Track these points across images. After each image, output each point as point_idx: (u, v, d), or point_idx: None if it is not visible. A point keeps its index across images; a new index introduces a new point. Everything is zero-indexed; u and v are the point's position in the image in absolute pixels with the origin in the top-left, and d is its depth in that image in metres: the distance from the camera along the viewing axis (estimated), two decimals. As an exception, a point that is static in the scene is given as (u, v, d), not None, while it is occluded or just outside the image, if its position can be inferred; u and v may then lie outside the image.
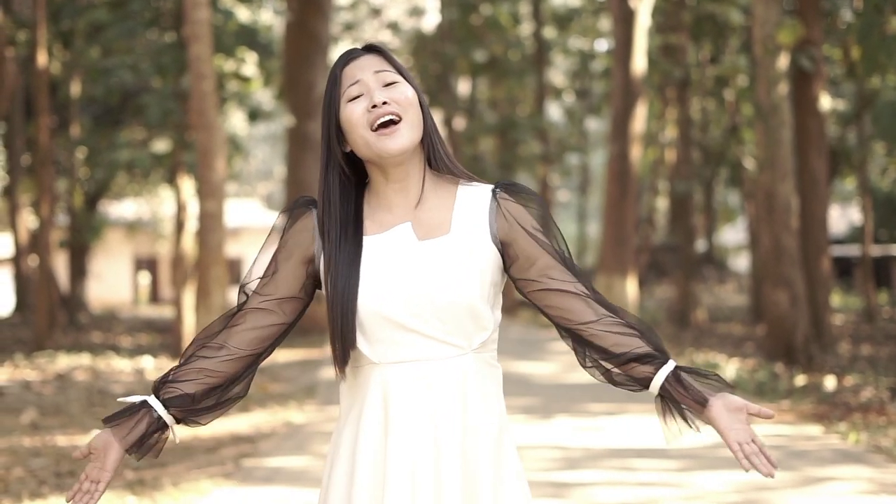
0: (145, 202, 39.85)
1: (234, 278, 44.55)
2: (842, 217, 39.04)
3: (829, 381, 13.12)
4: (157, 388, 2.92)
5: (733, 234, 44.52)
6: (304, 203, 2.94)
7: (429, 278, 2.77)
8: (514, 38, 32.74)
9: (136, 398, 2.91)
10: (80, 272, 29.77)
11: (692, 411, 2.81)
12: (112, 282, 45.93)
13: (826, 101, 17.18)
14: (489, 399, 2.85)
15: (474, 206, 2.86)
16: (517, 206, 2.88)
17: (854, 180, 29.24)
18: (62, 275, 32.14)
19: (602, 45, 35.95)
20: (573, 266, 2.89)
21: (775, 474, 2.73)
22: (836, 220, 37.26)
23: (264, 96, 36.92)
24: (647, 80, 23.43)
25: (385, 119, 2.79)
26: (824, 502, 7.28)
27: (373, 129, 2.79)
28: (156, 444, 2.91)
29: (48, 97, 20.91)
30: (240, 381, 2.95)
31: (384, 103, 2.79)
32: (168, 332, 23.75)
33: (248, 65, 22.40)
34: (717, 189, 34.87)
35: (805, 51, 16.06)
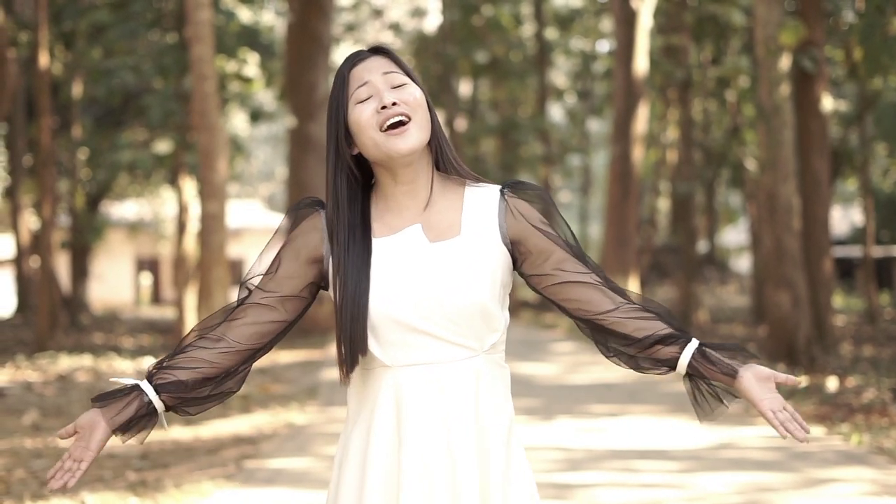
0: (147, 203, 39.87)
1: (236, 279, 44.53)
2: (844, 218, 39.00)
3: (832, 383, 13.11)
4: (151, 373, 2.91)
5: (735, 235, 44.50)
6: (312, 203, 2.93)
7: (441, 280, 2.77)
8: (515, 39, 32.74)
9: (128, 381, 2.89)
10: (81, 273, 29.78)
11: (722, 385, 2.83)
12: (114, 283, 45.94)
13: (828, 102, 17.16)
14: (499, 400, 2.86)
15: (483, 208, 2.87)
16: (526, 204, 2.89)
17: (856, 181, 29.21)
18: (64, 276, 32.14)
19: (604, 46, 35.96)
20: (585, 257, 2.90)
21: (808, 439, 2.78)
22: (838, 221, 37.23)
23: (266, 97, 36.93)
24: (649, 81, 23.45)
25: (395, 120, 2.79)
26: (827, 504, 7.28)
27: (382, 130, 2.79)
28: (143, 429, 2.88)
29: (50, 98, 20.91)
30: (234, 375, 2.94)
31: (394, 104, 2.79)
32: (170, 333, 23.76)
33: (250, 66, 22.42)
34: (719, 190, 34.85)
35: (807, 52, 16.05)
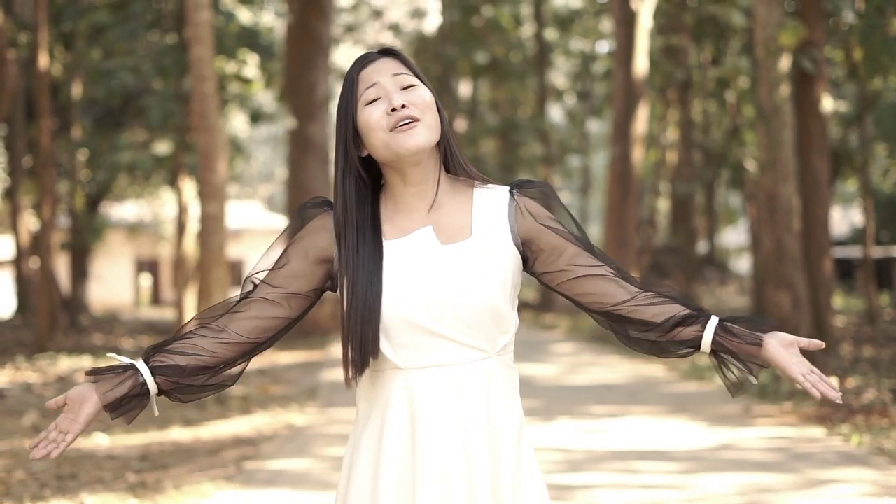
0: (146, 204, 39.85)
1: (236, 280, 44.52)
2: (843, 219, 39.00)
3: (832, 383, 13.10)
4: (149, 354, 2.89)
5: (735, 236, 44.51)
6: (321, 203, 2.93)
7: (454, 282, 2.78)
8: (515, 40, 32.74)
9: (125, 360, 2.88)
10: (81, 274, 29.77)
11: (748, 357, 2.84)
12: (113, 284, 45.93)
13: (828, 103, 17.16)
14: (509, 402, 2.87)
15: (493, 209, 2.87)
16: (534, 202, 2.91)
17: (856, 182, 29.21)
18: (63, 277, 32.14)
19: (603, 46, 35.96)
20: (596, 250, 2.92)
21: (840, 398, 2.81)
22: (838, 221, 37.23)
23: (265, 98, 36.93)
24: (649, 81, 23.43)
25: (404, 122, 2.79)
26: (827, 505, 7.28)
27: (391, 131, 2.79)
28: (133, 409, 2.86)
29: (49, 99, 20.90)
30: (232, 368, 2.93)
31: (403, 106, 2.79)
32: (169, 334, 23.73)
33: (250, 66, 22.43)
34: (719, 191, 34.87)
35: (807, 52, 16.04)
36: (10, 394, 14.35)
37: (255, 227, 47.70)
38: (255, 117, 23.93)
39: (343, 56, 42.06)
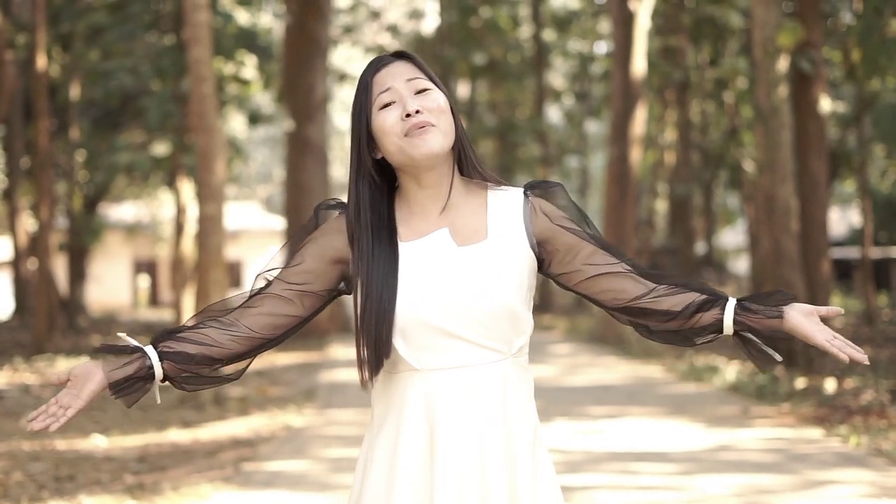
0: (145, 205, 39.87)
1: (234, 281, 44.54)
2: (842, 219, 39.02)
3: (830, 384, 13.10)
4: (158, 340, 2.89)
5: (733, 237, 44.49)
6: (338, 205, 2.94)
7: (471, 284, 2.78)
8: (513, 41, 32.73)
9: (133, 342, 2.87)
10: (79, 275, 29.75)
11: (771, 331, 2.85)
12: (111, 285, 45.92)
13: (826, 104, 17.16)
14: (525, 403, 2.89)
15: (508, 211, 2.89)
16: (549, 203, 2.92)
17: (854, 183, 29.24)
18: (61, 278, 32.12)
19: (601, 47, 35.94)
20: (611, 247, 2.93)
21: (866, 360, 2.80)
22: (836, 222, 37.24)
23: (264, 99, 36.91)
24: (647, 82, 23.42)
25: (419, 128, 2.79)
26: (825, 506, 7.28)
27: (405, 136, 2.80)
28: (136, 392, 2.84)
29: (47, 100, 20.89)
30: (239, 362, 2.93)
31: (417, 112, 2.80)
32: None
33: (248, 68, 22.41)
34: (717, 191, 34.88)
35: (805, 53, 16.05)
36: (7, 395, 14.35)
37: (254, 228, 47.69)
38: (254, 118, 23.90)
39: (341, 57, 42.04)
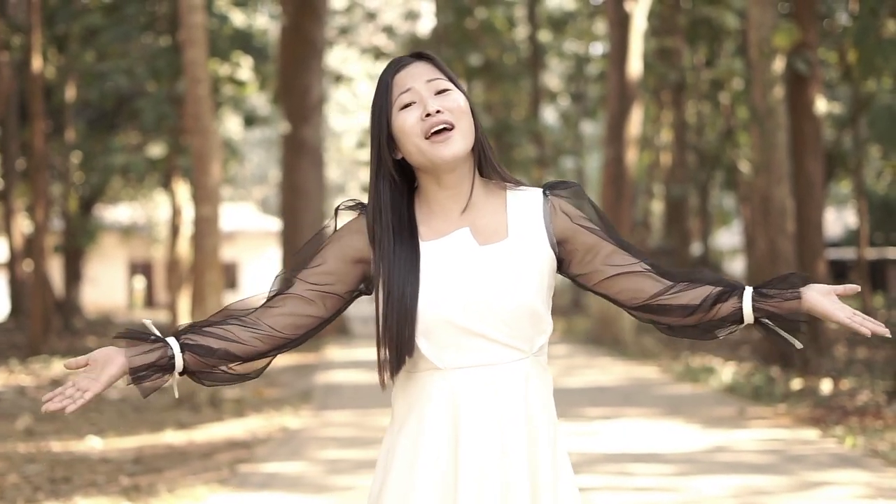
0: (140, 206, 39.82)
1: (230, 283, 44.52)
2: (837, 220, 39.02)
3: (826, 385, 13.11)
4: (180, 332, 2.89)
5: (728, 238, 44.50)
6: (358, 205, 2.95)
7: (493, 283, 2.80)
8: (509, 42, 32.71)
9: (156, 331, 2.87)
10: (74, 277, 29.73)
11: (790, 313, 2.87)
12: (107, 286, 45.87)
13: (822, 105, 17.17)
14: (545, 402, 2.91)
15: (527, 210, 2.90)
16: (568, 203, 2.94)
17: (849, 183, 29.25)
18: (57, 279, 32.09)
19: (597, 48, 35.92)
20: (630, 247, 2.94)
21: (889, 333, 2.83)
22: (832, 223, 37.23)
23: (259, 101, 36.88)
24: (643, 83, 23.43)
25: (439, 128, 2.81)
26: (821, 507, 7.28)
27: (426, 137, 2.81)
28: (155, 381, 2.84)
29: (43, 101, 20.88)
30: (259, 360, 2.93)
31: (438, 112, 2.81)
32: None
33: (243, 69, 22.38)
34: (713, 192, 34.84)
35: (801, 54, 16.05)
36: (3, 397, 14.34)
37: (249, 230, 47.65)
38: (249, 120, 23.87)
39: (336, 58, 42.04)
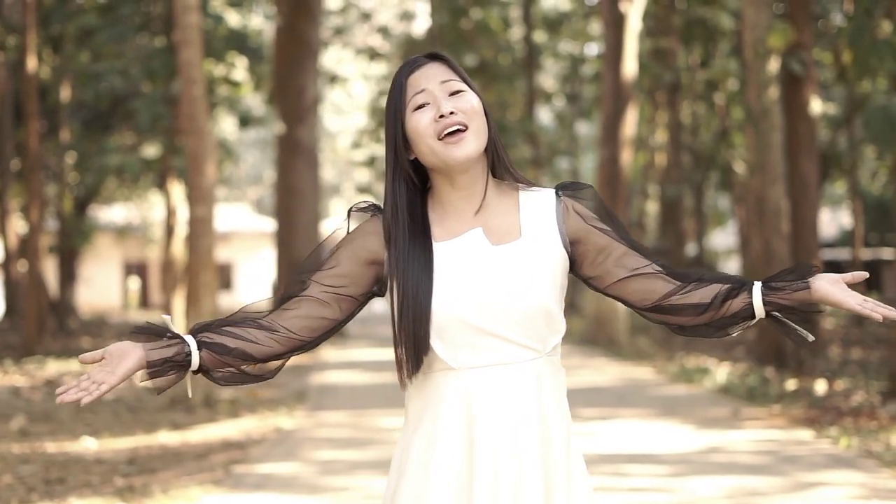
0: (135, 207, 39.77)
1: (224, 283, 44.48)
2: (832, 221, 39.05)
3: (820, 386, 13.12)
4: (196, 330, 2.88)
5: (723, 238, 44.51)
6: (370, 207, 2.96)
7: (506, 282, 2.80)
8: (504, 43, 32.70)
9: (173, 328, 2.86)
10: (69, 277, 29.71)
11: (801, 304, 2.86)
12: (101, 287, 45.84)
13: (816, 105, 17.18)
14: (559, 402, 2.90)
15: (540, 210, 2.91)
16: (582, 204, 2.94)
17: (844, 184, 29.27)
18: (51, 280, 32.06)
19: (592, 49, 35.92)
20: (642, 248, 2.95)
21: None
22: (827, 223, 37.26)
23: (254, 101, 36.87)
24: (638, 83, 23.43)
25: (452, 129, 2.81)
26: (816, 507, 7.28)
27: (439, 138, 2.82)
28: (170, 376, 2.82)
29: (38, 102, 20.86)
30: (275, 362, 2.92)
31: (451, 113, 2.82)
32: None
33: (238, 69, 22.40)
34: (708, 193, 34.85)
35: (795, 54, 16.06)
36: (-3, 397, 14.31)
37: (244, 230, 47.65)
38: (244, 120, 23.89)
39: (331, 58, 42.02)
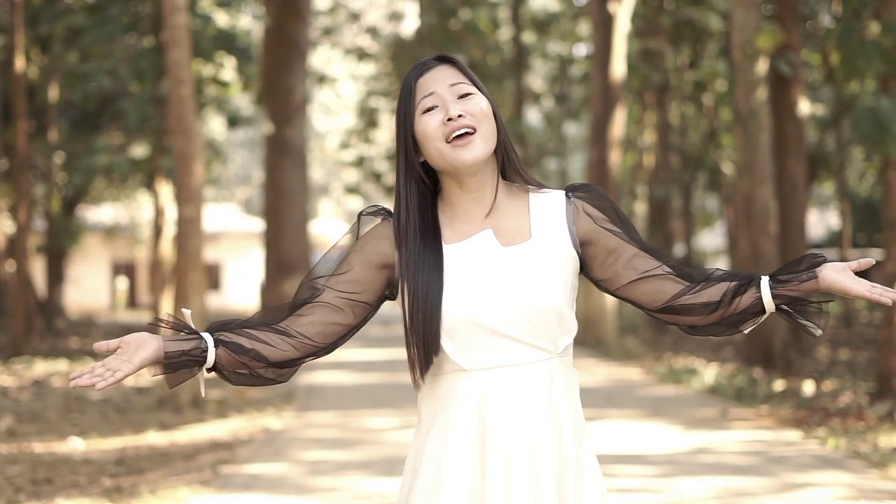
0: (123, 207, 39.66)
1: (213, 283, 44.43)
2: (820, 222, 39.13)
3: (808, 386, 13.14)
4: (213, 328, 2.87)
5: (712, 239, 44.59)
6: (378, 211, 2.96)
7: (517, 283, 2.81)
8: (493, 43, 32.72)
9: (191, 323, 2.85)
10: (57, 277, 29.63)
11: (809, 294, 2.86)
12: (90, 287, 45.73)
13: (805, 106, 17.21)
14: (572, 402, 2.91)
15: (550, 212, 2.91)
16: (592, 206, 2.94)
17: (832, 185, 29.33)
18: (39, 280, 31.99)
19: (581, 49, 35.93)
20: (653, 249, 2.95)
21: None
22: (815, 224, 37.33)
23: (243, 101, 36.83)
24: (626, 84, 23.44)
25: (460, 132, 2.82)
26: (804, 508, 7.28)
27: (447, 141, 2.82)
28: (185, 370, 2.81)
29: (26, 102, 20.81)
30: (289, 366, 2.92)
31: (459, 116, 2.82)
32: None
33: (227, 69, 22.37)
34: (696, 194, 34.89)
35: (784, 56, 16.09)
36: (-15, 398, 14.28)
37: (232, 231, 47.58)
38: (233, 120, 23.86)
39: (320, 59, 41.99)
